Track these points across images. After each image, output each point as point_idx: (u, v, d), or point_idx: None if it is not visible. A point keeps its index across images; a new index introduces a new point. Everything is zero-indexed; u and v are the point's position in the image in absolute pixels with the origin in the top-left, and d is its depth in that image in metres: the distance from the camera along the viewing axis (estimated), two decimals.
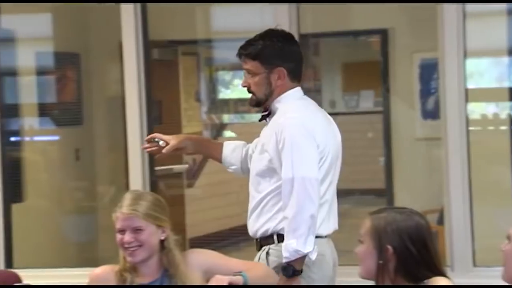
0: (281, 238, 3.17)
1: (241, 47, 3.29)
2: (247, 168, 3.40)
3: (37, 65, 5.64)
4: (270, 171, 3.22)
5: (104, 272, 3.01)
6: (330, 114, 3.41)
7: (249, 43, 3.28)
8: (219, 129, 7.44)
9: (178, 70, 6.83)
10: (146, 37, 4.45)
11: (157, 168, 4.79)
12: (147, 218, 2.92)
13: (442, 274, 2.45)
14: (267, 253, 3.23)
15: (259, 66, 3.24)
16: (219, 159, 3.51)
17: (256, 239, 3.29)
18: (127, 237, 2.91)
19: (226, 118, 7.63)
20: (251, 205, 3.31)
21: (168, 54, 6.65)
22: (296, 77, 3.30)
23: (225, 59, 7.04)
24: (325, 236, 3.24)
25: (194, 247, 3.21)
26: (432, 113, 5.66)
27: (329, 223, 3.26)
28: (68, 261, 5.41)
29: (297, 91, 3.30)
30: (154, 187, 4.58)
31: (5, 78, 4.85)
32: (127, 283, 2.95)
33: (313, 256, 3.12)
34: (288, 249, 3.10)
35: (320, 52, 7.13)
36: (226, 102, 7.72)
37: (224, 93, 7.70)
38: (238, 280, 2.90)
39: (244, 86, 3.31)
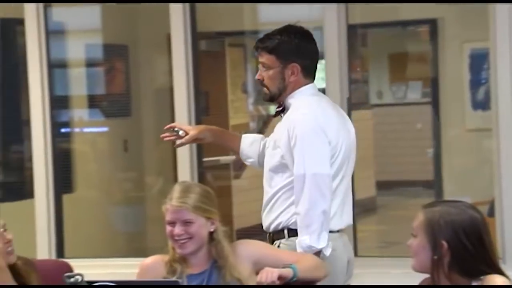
0: (291, 232, 3.20)
1: (259, 40, 3.34)
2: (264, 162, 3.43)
3: (86, 57, 5.70)
4: (283, 167, 3.24)
5: (154, 261, 3.04)
6: (377, 105, 3.40)
7: (267, 36, 3.32)
8: (265, 120, 7.43)
9: (225, 61, 6.83)
10: (194, 28, 4.46)
11: (204, 159, 4.81)
12: (196, 210, 2.93)
13: (498, 269, 2.41)
14: (278, 247, 3.23)
15: (274, 60, 3.28)
16: (237, 151, 3.54)
17: (269, 233, 3.31)
18: (177, 229, 2.93)
19: (273, 109, 7.60)
20: (264, 199, 3.33)
21: (215, 45, 6.67)
22: (310, 74, 3.33)
23: None
24: (337, 231, 3.23)
25: (241, 238, 3.21)
26: (482, 104, 5.59)
27: (342, 218, 3.26)
28: (117, 251, 5.46)
29: (310, 88, 3.33)
30: (201, 178, 4.60)
31: (55, 70, 4.90)
32: (177, 274, 2.97)
33: (327, 252, 3.12)
34: (301, 245, 3.11)
35: (368, 43, 7.08)
36: None
37: None
38: (288, 272, 2.90)
39: (258, 79, 3.35)
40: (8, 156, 5.35)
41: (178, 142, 3.53)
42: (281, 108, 3.34)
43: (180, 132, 3.46)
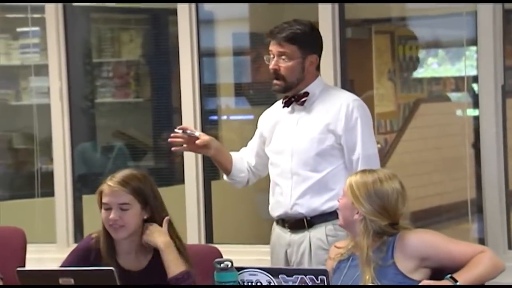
0: None
1: (277, 30, 3.42)
2: (256, 174, 3.65)
3: (233, 45, 5.78)
4: (334, 150, 3.36)
5: (338, 245, 3.14)
6: None
7: (286, 27, 3.41)
8: (412, 109, 7.31)
9: (371, 49, 6.76)
10: (342, 16, 4.42)
11: None
12: (349, 188, 2.99)
13: None
14: (335, 228, 3.32)
15: (296, 51, 3.38)
16: (228, 170, 3.64)
17: (305, 217, 3.39)
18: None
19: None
20: (304, 185, 3.39)
21: (361, 32, 6.61)
22: (318, 67, 3.50)
23: (419, 37, 6.89)
24: None
25: None
26: None
27: None
28: (262, 238, 5.50)
29: (322, 79, 3.52)
30: None
31: (204, 59, 5.00)
32: (345, 249, 3.05)
33: None
34: None
35: None
36: (419, 81, 7.57)
37: (417, 72, 7.55)
38: None
39: (273, 69, 3.42)
40: (159, 142, 5.50)
41: (181, 147, 3.53)
42: (305, 98, 3.44)
43: (197, 133, 3.52)
